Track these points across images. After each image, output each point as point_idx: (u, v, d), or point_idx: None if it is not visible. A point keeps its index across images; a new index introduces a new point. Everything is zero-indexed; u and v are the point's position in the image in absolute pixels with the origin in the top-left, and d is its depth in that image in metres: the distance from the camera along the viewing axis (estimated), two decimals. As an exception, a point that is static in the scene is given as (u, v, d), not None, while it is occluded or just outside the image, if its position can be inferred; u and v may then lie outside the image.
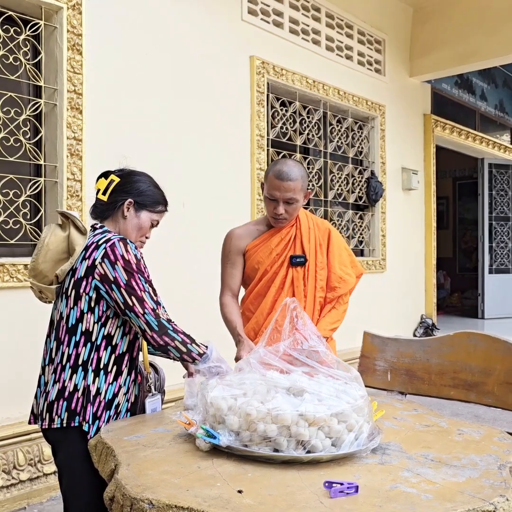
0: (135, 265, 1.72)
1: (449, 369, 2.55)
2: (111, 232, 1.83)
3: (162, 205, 1.94)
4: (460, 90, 7.90)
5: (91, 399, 1.69)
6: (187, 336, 1.76)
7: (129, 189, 1.87)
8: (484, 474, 1.35)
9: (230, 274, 2.40)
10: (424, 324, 6.90)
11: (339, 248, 2.41)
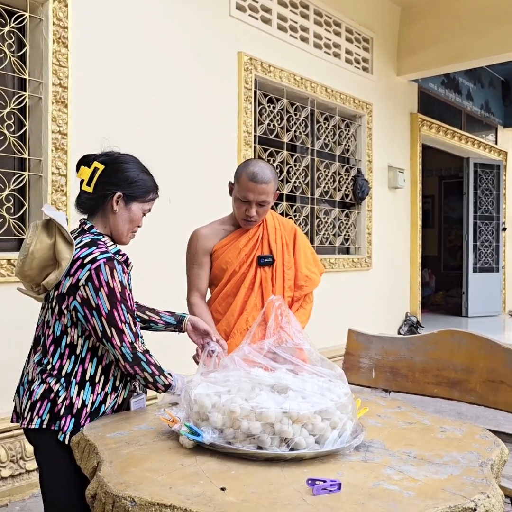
0: (119, 294, 1.64)
1: (432, 367, 2.57)
2: (99, 240, 1.72)
3: (153, 192, 1.82)
4: (447, 89, 7.95)
5: (74, 411, 1.66)
6: (158, 368, 1.73)
7: (117, 180, 1.75)
8: (465, 472, 1.36)
9: (197, 275, 2.36)
10: (409, 322, 6.94)
11: (304, 248, 2.43)
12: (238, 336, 2.23)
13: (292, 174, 5.27)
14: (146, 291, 3.82)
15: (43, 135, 3.26)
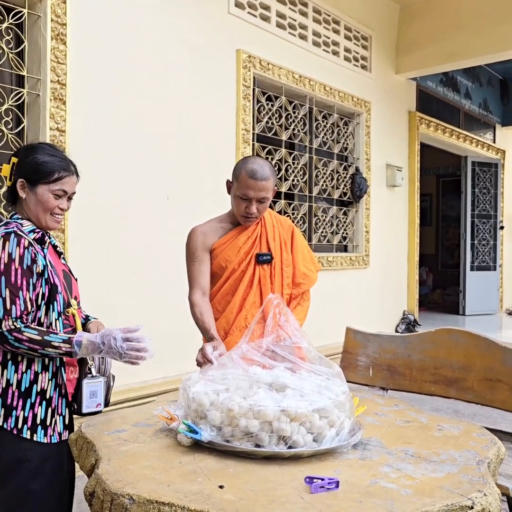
0: (3, 266, 1.62)
1: (430, 365, 2.58)
2: (13, 222, 1.74)
3: (58, 172, 1.76)
4: (445, 88, 7.95)
5: (0, 392, 1.64)
6: (38, 341, 1.62)
7: (22, 168, 1.76)
8: (462, 470, 1.37)
9: (199, 271, 2.32)
10: (406, 320, 6.95)
11: (302, 246, 2.44)
12: (237, 334, 2.23)
13: (290, 172, 5.26)
14: (142, 287, 3.82)
15: (41, 132, 3.25)
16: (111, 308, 3.56)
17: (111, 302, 3.57)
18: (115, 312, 3.58)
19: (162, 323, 3.90)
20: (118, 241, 3.65)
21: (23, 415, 1.65)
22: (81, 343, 1.64)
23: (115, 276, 3.63)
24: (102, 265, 3.55)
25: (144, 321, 3.76)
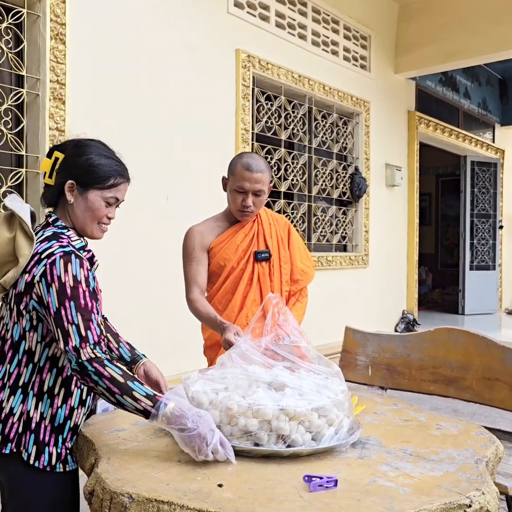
0: (69, 289, 1.44)
1: (429, 365, 2.58)
2: (62, 234, 1.57)
3: (115, 178, 1.61)
4: (444, 87, 7.95)
5: (33, 426, 1.49)
6: (118, 384, 1.40)
7: (71, 167, 1.58)
8: (461, 468, 1.37)
9: (196, 271, 2.31)
10: (406, 320, 6.96)
11: (298, 243, 2.46)
12: None
13: (290, 172, 5.27)
14: (140, 288, 3.83)
15: (40, 132, 3.26)
16: (110, 309, 3.56)
17: (110, 302, 3.57)
18: (114, 313, 3.58)
19: (161, 322, 3.91)
20: (117, 241, 3.65)
21: (56, 452, 1.51)
22: (167, 408, 1.38)
23: (114, 276, 3.63)
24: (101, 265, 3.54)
25: (143, 320, 3.78)
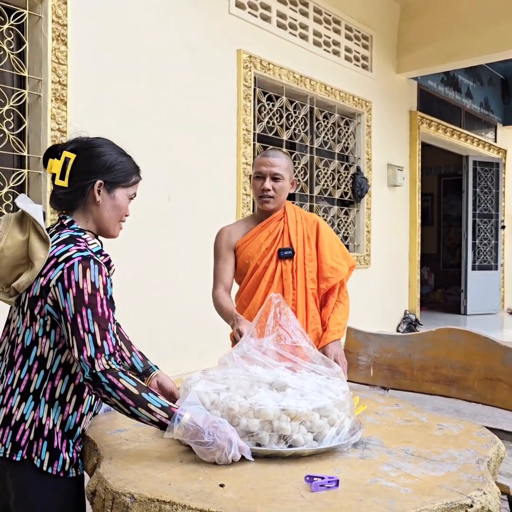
0: (87, 296, 1.41)
1: (430, 365, 2.58)
2: (79, 237, 1.54)
3: (136, 174, 1.64)
4: (446, 87, 7.94)
5: (45, 433, 1.46)
6: (132, 396, 1.37)
7: (94, 167, 1.55)
8: (462, 469, 1.37)
9: (222, 268, 2.42)
10: (408, 320, 6.95)
11: (330, 240, 2.45)
12: None
13: (291, 172, 5.27)
14: (144, 287, 3.83)
15: (42, 133, 3.26)
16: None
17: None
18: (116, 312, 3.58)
19: (163, 323, 3.91)
20: (119, 241, 3.65)
21: (69, 457, 1.50)
22: (182, 420, 1.36)
23: (116, 276, 3.63)
24: (103, 265, 3.56)
25: (145, 321, 3.79)
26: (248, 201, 4.61)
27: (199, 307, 4.17)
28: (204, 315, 4.19)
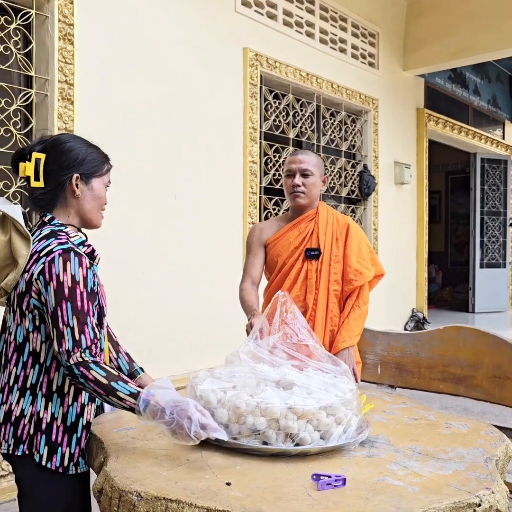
0: (67, 290, 1.44)
1: (438, 363, 2.57)
2: (60, 231, 1.56)
3: (107, 162, 1.66)
4: (454, 84, 7.90)
5: (43, 427, 1.49)
6: (103, 386, 1.41)
7: (67, 162, 1.57)
8: (470, 467, 1.36)
9: (251, 263, 2.49)
10: (415, 318, 6.93)
11: (359, 243, 2.44)
12: None
13: (298, 170, 5.26)
14: (150, 285, 3.84)
15: (49, 132, 3.27)
16: (119, 307, 3.58)
17: (119, 301, 3.58)
18: (123, 311, 3.60)
19: (169, 321, 3.92)
20: (126, 239, 3.66)
21: (69, 452, 1.51)
22: (149, 404, 1.39)
23: (123, 274, 3.64)
24: (110, 264, 3.56)
25: (151, 319, 3.79)
26: (255, 200, 4.60)
27: (207, 306, 4.17)
28: (212, 314, 4.19)
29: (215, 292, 4.22)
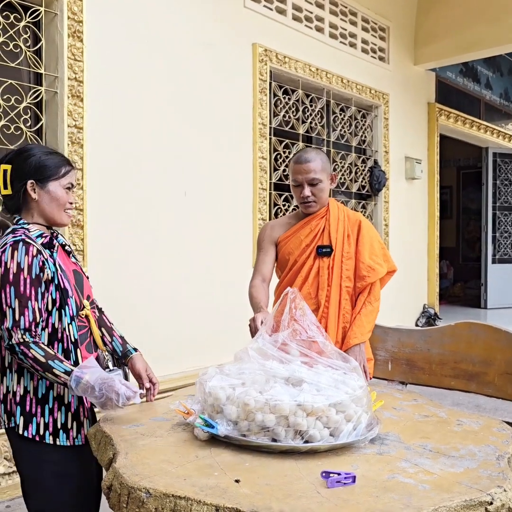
0: (12, 276, 1.61)
1: (449, 359, 2.55)
2: (20, 228, 1.71)
3: (65, 166, 1.78)
4: (465, 78, 7.83)
5: (19, 400, 1.66)
6: (40, 363, 1.59)
7: (24, 170, 1.73)
8: (482, 465, 1.35)
9: (262, 260, 2.48)
10: (426, 314, 6.89)
11: (371, 239, 2.43)
12: None
13: (308, 166, 5.23)
14: (161, 282, 3.84)
15: (59, 130, 3.28)
16: (129, 303, 3.59)
17: (128, 297, 3.60)
18: (133, 307, 3.61)
19: (180, 318, 3.92)
20: (137, 236, 3.67)
21: (44, 421, 1.65)
22: (80, 382, 1.57)
23: (134, 271, 3.65)
24: (121, 260, 3.57)
25: (162, 316, 3.80)
26: (265, 196, 4.59)
27: (216, 302, 4.17)
28: (221, 310, 4.19)
29: (225, 288, 4.21)
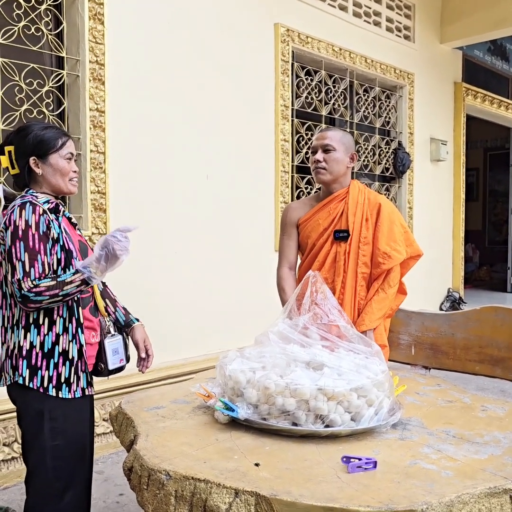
0: (21, 232, 1.71)
1: (474, 344, 2.51)
2: (29, 195, 1.81)
3: (61, 138, 1.86)
4: (493, 57, 7.62)
5: (24, 354, 1.73)
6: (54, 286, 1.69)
7: (24, 149, 1.82)
8: (507, 452, 1.32)
9: (287, 245, 2.49)
10: (451, 298, 6.80)
11: (391, 224, 2.34)
12: None
13: (331, 148, 5.17)
14: (183, 265, 3.85)
15: (81, 113, 3.28)
16: (153, 286, 3.61)
17: (152, 279, 3.61)
18: (157, 290, 3.62)
19: (203, 300, 3.93)
20: (159, 219, 3.67)
21: (48, 375, 1.73)
22: (87, 265, 1.68)
23: (157, 254, 3.66)
24: (143, 243, 3.58)
25: (185, 299, 3.81)
26: (287, 179, 4.55)
27: (240, 287, 4.17)
28: (243, 293, 4.19)
29: (248, 272, 4.21)
